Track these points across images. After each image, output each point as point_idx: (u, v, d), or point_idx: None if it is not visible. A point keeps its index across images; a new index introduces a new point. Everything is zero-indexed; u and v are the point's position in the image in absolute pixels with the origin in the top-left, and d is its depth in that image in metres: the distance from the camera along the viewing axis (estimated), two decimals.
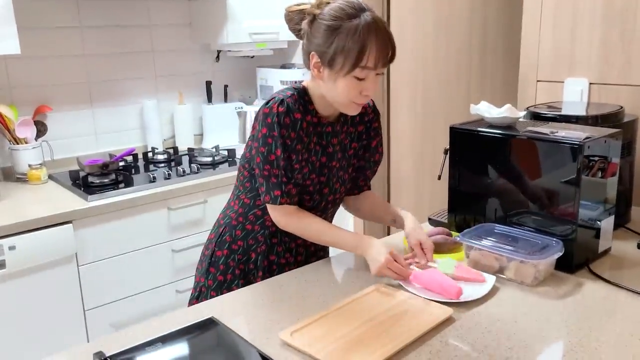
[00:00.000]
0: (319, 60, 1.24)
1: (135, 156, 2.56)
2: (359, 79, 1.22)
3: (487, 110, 1.48)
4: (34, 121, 2.33)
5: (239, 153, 2.62)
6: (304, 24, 1.27)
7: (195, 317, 1.16)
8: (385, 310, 1.16)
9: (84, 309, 2.04)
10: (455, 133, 1.50)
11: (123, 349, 1.03)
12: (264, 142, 1.28)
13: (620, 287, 1.25)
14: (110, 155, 2.41)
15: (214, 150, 2.63)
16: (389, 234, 2.86)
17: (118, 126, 2.66)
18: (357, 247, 1.32)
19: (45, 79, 2.42)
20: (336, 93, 1.25)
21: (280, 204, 1.31)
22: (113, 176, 2.22)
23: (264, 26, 2.70)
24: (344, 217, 2.70)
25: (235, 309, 1.21)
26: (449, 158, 1.53)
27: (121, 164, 2.38)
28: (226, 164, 2.51)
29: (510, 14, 2.51)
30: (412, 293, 1.23)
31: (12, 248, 1.82)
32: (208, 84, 2.88)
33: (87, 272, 2.02)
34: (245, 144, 2.67)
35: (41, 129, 2.37)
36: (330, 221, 1.50)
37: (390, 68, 2.70)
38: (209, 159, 2.51)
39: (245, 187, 1.41)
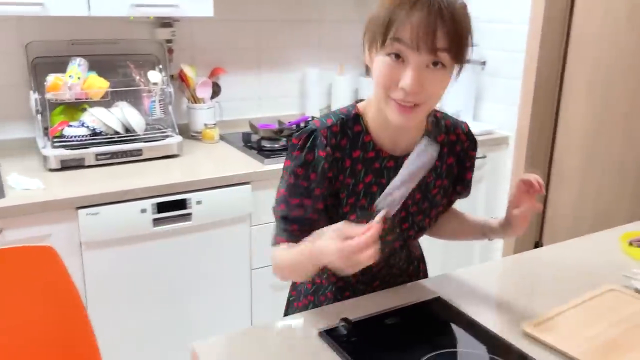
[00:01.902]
0: (363, 39, 1.00)
1: (297, 125, 2.59)
2: (397, 57, 0.93)
3: None
4: None
5: None
6: None
7: (419, 295, 1.14)
8: (632, 314, 1.07)
9: (250, 267, 2.10)
10: None
11: (367, 316, 1.03)
12: (283, 175, 1.07)
13: None
14: (279, 122, 2.45)
15: None
16: None
17: (280, 92, 2.70)
18: (317, 258, 0.95)
19: (222, 42, 2.49)
20: (374, 83, 0.98)
21: (276, 243, 1.06)
22: (283, 142, 2.26)
23: None
24: None
25: (462, 290, 1.17)
26: None
27: None
28: None
29: None
30: None
31: (199, 202, 1.90)
32: None
33: (258, 233, 2.08)
34: None
35: (216, 90, 2.45)
36: (403, 255, 1.19)
37: (569, 50, 2.51)
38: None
39: None
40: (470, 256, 2.72)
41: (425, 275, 1.29)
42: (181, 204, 1.88)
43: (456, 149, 1.15)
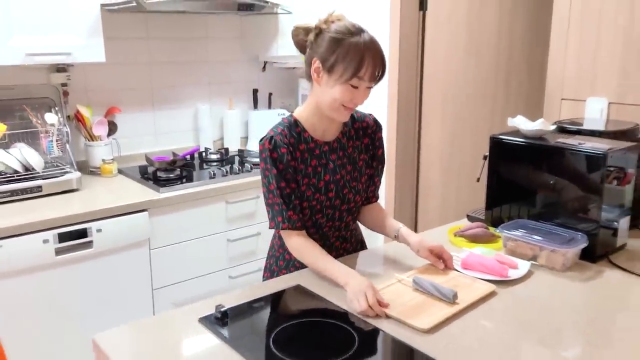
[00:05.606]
0: (321, 65, 1.41)
1: (192, 155, 2.83)
2: (354, 87, 1.40)
3: (523, 123, 1.73)
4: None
5: None
6: (310, 36, 1.45)
7: (284, 285, 1.42)
8: (440, 283, 1.42)
9: (152, 287, 2.30)
10: (495, 142, 1.76)
11: (237, 304, 1.29)
12: (264, 175, 1.49)
13: (633, 274, 1.50)
14: (174, 154, 2.68)
15: None
16: None
17: (174, 127, 2.94)
18: (343, 278, 1.38)
19: (116, 84, 2.70)
20: (330, 97, 1.42)
21: (282, 229, 1.48)
22: (178, 172, 2.49)
23: None
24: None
25: (314, 280, 1.46)
26: (488, 163, 1.79)
27: None
28: None
29: (533, 40, 2.78)
30: (461, 272, 1.49)
31: (99, 230, 2.08)
32: (255, 91, 3.16)
33: (157, 256, 2.29)
34: None
35: (112, 127, 2.64)
36: (352, 227, 1.65)
37: (424, 83, 2.96)
38: (258, 160, 2.77)
39: None
40: None
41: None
42: (82, 233, 2.05)
43: (368, 132, 1.62)
